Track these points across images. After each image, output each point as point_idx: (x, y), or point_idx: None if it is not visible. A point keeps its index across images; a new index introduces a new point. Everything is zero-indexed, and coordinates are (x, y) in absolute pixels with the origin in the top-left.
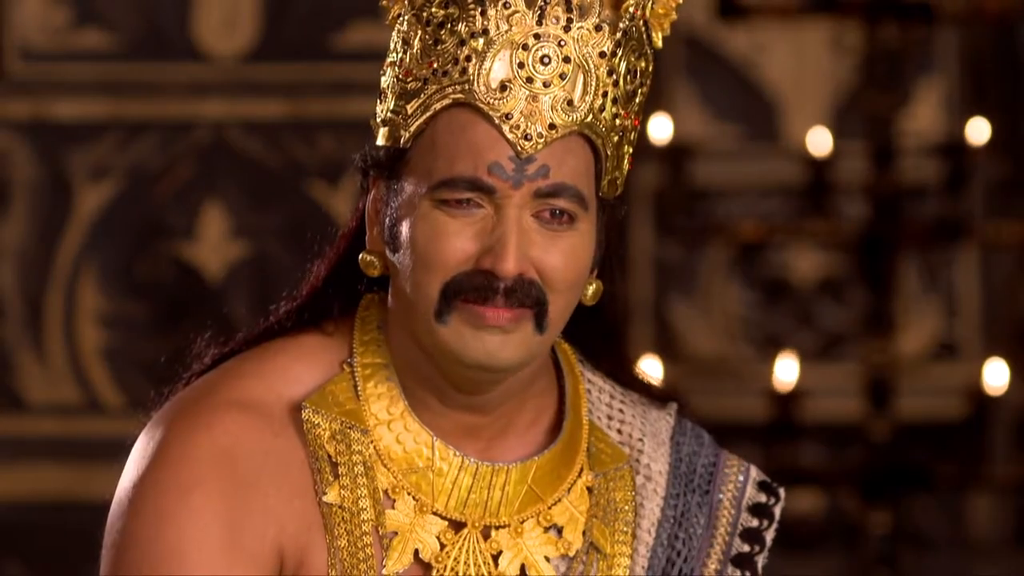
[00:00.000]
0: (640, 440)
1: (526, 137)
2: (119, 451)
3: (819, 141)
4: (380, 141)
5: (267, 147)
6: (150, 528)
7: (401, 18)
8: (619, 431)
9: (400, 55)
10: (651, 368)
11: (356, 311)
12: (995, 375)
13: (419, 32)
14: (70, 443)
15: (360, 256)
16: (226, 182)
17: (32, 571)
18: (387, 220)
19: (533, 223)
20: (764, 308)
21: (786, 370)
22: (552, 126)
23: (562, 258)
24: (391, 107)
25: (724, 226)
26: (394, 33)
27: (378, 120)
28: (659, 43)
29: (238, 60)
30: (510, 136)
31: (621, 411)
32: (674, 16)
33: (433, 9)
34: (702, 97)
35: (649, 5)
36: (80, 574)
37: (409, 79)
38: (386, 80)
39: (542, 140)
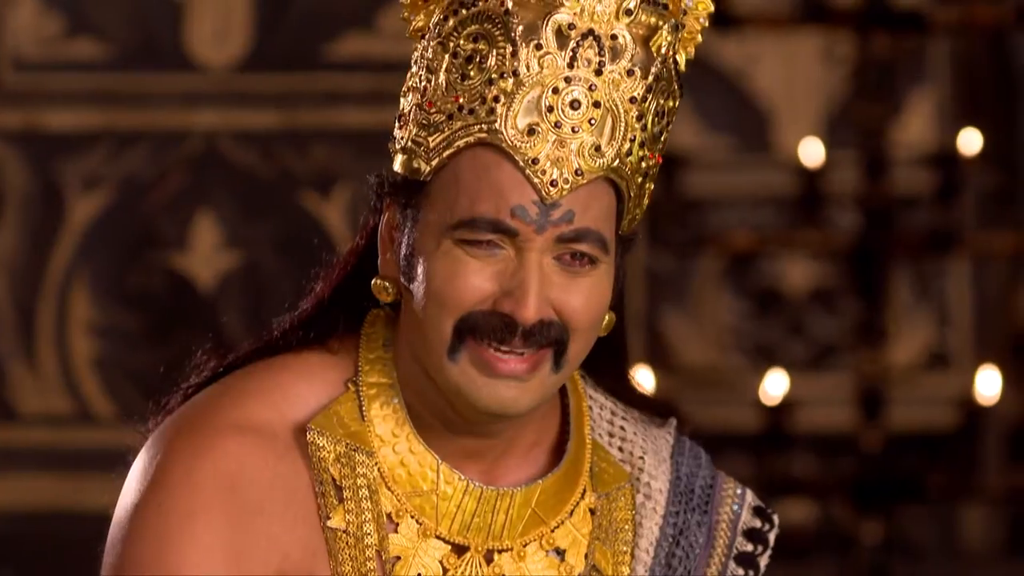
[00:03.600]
0: (641, 458)
1: (552, 183)
2: (111, 461)
3: (811, 151)
4: (398, 168)
5: (259, 157)
6: (151, 553)
7: (425, 43)
8: (620, 448)
9: (423, 83)
10: (643, 378)
11: (361, 328)
12: (987, 385)
13: (445, 63)
14: (61, 453)
15: (373, 282)
16: (218, 192)
17: None
18: (403, 249)
19: (554, 265)
20: (756, 318)
21: (775, 385)
22: (579, 172)
23: (583, 299)
24: (412, 136)
25: (716, 236)
26: (416, 55)
27: (397, 146)
28: (683, 66)
29: (230, 70)
30: (535, 181)
31: (623, 428)
32: (699, 39)
33: (461, 41)
34: (694, 108)
35: (678, 41)
36: None
37: (433, 111)
38: (407, 105)
39: (568, 186)
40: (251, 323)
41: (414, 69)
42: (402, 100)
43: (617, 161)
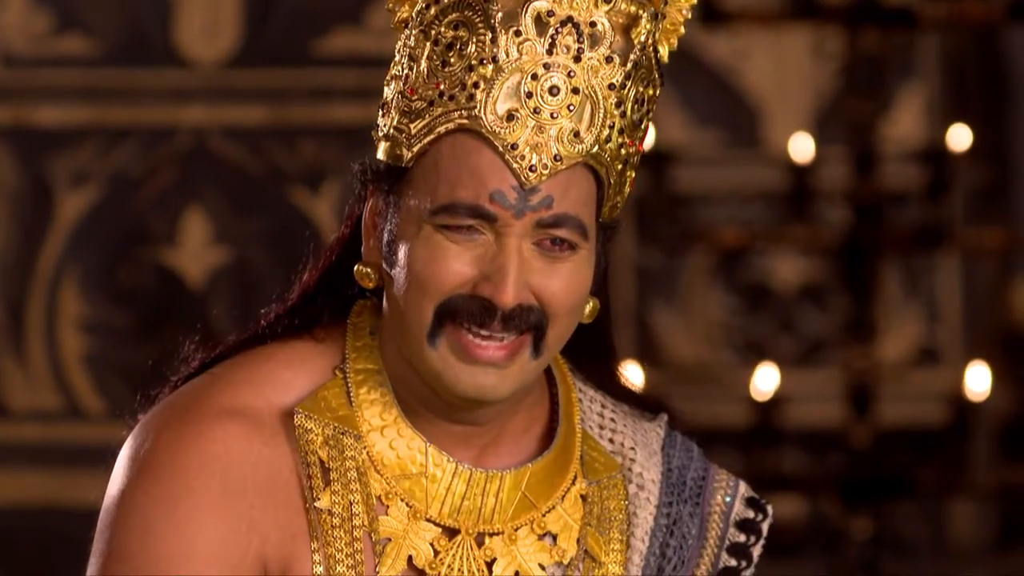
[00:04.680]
0: (632, 449)
1: (531, 168)
2: (101, 457)
3: (801, 147)
4: (381, 155)
5: (248, 153)
6: (137, 541)
7: (408, 31)
8: (611, 440)
9: (405, 70)
10: (632, 374)
11: (347, 317)
12: (976, 381)
13: (426, 50)
14: (51, 449)
15: (356, 268)
16: (208, 188)
17: None
18: (385, 235)
19: (533, 250)
20: (745, 314)
21: (765, 379)
22: (557, 157)
23: (562, 284)
24: (394, 123)
25: (705, 232)
26: (400, 44)
27: (380, 134)
28: (666, 58)
29: (220, 66)
30: (515, 166)
31: (613, 420)
32: (682, 31)
33: (442, 29)
34: (684, 103)
35: (658, 31)
36: None
37: (414, 97)
38: (389, 93)
39: (547, 171)
40: (241, 318)
41: (397, 58)
42: (386, 89)
43: (596, 147)
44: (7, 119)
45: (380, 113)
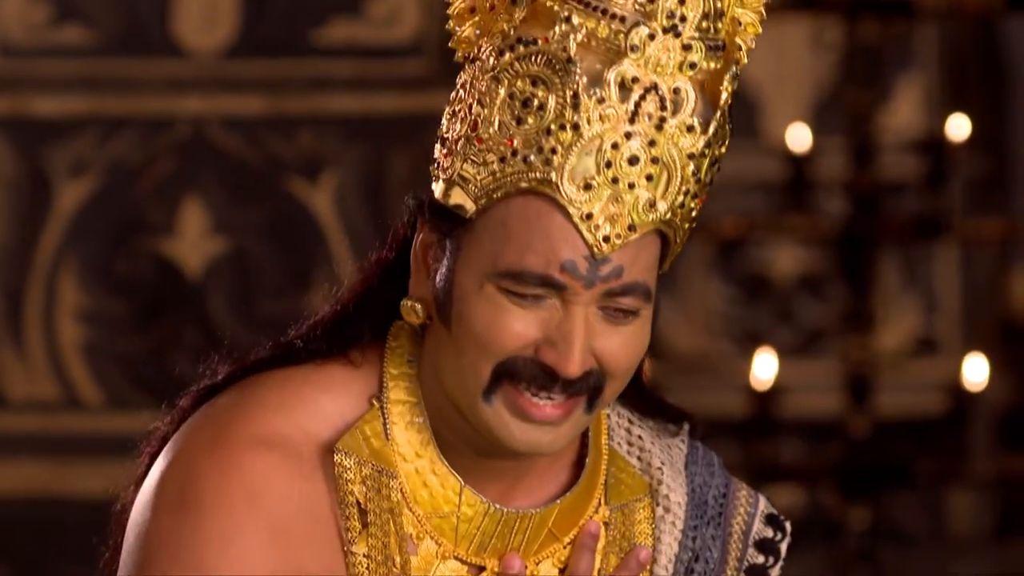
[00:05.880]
0: (659, 469)
1: (605, 239)
2: (98, 447)
3: (799, 137)
4: (439, 196)
5: (246, 143)
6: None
7: (477, 73)
8: (639, 459)
9: (473, 115)
10: None
11: (385, 340)
12: (974, 371)
13: (499, 100)
14: (49, 439)
15: (402, 303)
16: (206, 178)
17: (11, 566)
18: (439, 279)
19: (597, 315)
20: (744, 304)
21: (764, 367)
22: (632, 227)
23: (623, 346)
24: (459, 170)
25: (704, 222)
26: (466, 79)
27: (442, 175)
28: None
29: (217, 56)
30: (588, 236)
31: (640, 438)
32: (745, 60)
33: (518, 82)
34: None
35: (735, 86)
36: (58, 569)
37: (482, 148)
38: (451, 132)
39: (620, 241)
40: (238, 309)
41: (462, 95)
42: (446, 122)
43: (670, 214)
44: (5, 109)
45: (440, 149)
